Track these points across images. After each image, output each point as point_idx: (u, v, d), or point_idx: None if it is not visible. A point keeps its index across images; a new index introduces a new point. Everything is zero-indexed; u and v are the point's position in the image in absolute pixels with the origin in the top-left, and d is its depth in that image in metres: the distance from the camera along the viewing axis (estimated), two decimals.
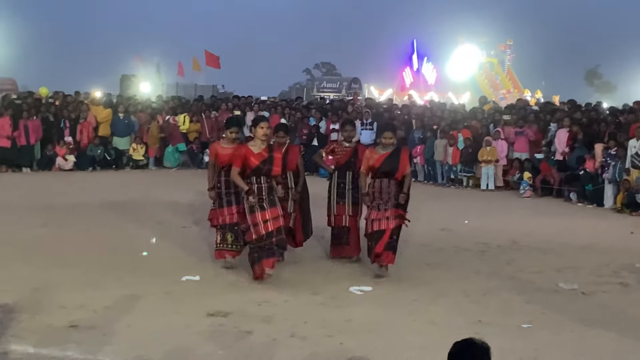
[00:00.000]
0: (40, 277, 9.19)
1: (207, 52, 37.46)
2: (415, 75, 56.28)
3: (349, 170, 10.69)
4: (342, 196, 10.64)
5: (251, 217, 9.16)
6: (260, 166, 9.19)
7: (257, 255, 9.20)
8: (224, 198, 9.95)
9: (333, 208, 10.67)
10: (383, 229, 9.62)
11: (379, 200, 9.70)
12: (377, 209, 9.68)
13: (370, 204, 9.76)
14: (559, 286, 9.53)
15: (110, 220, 13.57)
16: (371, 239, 9.72)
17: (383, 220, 9.64)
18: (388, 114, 23.71)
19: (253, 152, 9.22)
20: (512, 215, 15.82)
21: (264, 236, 9.14)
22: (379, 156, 9.75)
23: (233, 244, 9.95)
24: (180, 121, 24.21)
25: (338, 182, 10.71)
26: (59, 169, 21.83)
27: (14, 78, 41.53)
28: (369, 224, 9.71)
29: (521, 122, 20.88)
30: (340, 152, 10.80)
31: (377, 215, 9.66)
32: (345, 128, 11.27)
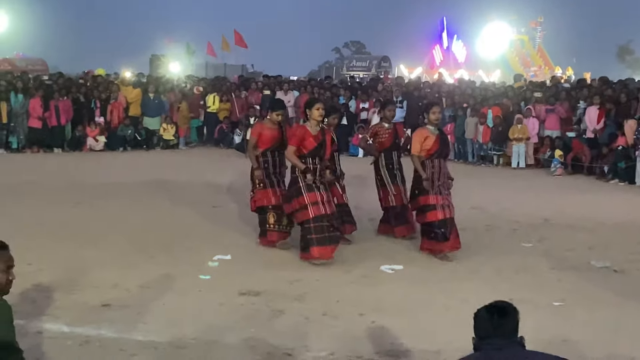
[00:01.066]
0: (74, 256, 9.28)
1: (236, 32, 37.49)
2: (445, 53, 55.94)
3: (395, 150, 10.81)
4: (394, 177, 10.72)
5: (310, 195, 9.08)
6: (317, 148, 9.20)
7: (317, 237, 9.08)
8: (273, 178, 9.94)
9: (391, 188, 10.67)
10: (453, 217, 9.60)
11: (437, 181, 9.61)
12: (440, 193, 9.59)
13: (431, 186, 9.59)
14: (591, 264, 9.48)
15: (142, 200, 13.65)
16: (444, 226, 9.51)
17: (451, 208, 9.60)
18: (417, 93, 23.58)
19: (311, 133, 9.21)
20: (543, 193, 15.69)
21: (325, 216, 9.10)
22: (435, 138, 9.63)
23: (288, 226, 9.90)
24: (210, 101, 24.27)
25: (386, 163, 10.74)
26: (90, 150, 21.97)
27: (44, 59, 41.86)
28: (440, 209, 9.51)
29: (552, 99, 20.69)
30: (384, 134, 10.78)
31: (443, 201, 9.55)
32: (388, 108, 11.18)
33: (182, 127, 23.62)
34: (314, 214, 9.05)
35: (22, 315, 6.10)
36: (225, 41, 37.49)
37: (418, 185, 9.70)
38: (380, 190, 10.85)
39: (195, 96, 24.45)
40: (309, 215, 9.07)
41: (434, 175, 9.63)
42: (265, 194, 9.90)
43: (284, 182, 10.01)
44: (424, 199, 9.61)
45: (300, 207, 9.16)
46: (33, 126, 21.29)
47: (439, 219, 9.49)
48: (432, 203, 9.54)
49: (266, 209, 9.94)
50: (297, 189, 9.20)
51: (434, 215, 9.53)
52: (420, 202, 9.67)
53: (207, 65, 44.22)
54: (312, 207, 9.07)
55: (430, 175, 9.60)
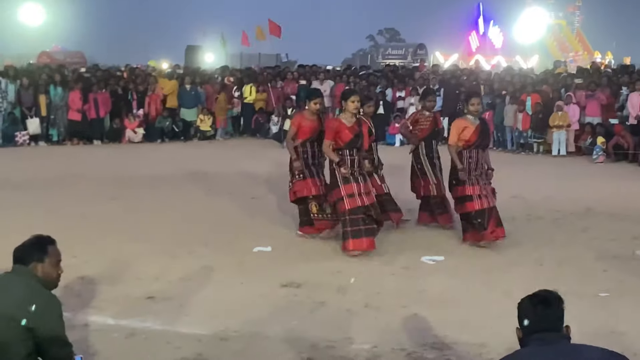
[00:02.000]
0: (116, 248, 9.35)
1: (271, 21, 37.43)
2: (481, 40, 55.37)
3: (435, 139, 10.79)
4: (434, 166, 10.67)
5: (346, 187, 9.08)
6: (354, 139, 9.15)
7: (352, 230, 9.06)
8: (312, 168, 9.91)
9: (432, 178, 10.62)
10: (493, 206, 9.52)
11: (474, 172, 9.55)
12: (477, 183, 9.52)
13: (467, 177, 9.53)
14: (637, 254, 9.33)
15: (181, 191, 13.72)
16: (481, 216, 9.44)
17: (490, 197, 9.52)
18: (455, 81, 23.40)
19: (346, 125, 9.17)
20: (585, 181, 15.51)
21: (361, 208, 9.08)
22: (474, 129, 9.53)
23: (333, 214, 9.82)
24: (247, 92, 24.29)
25: (427, 152, 10.68)
26: (128, 141, 22.13)
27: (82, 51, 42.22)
28: (477, 200, 9.45)
29: (593, 85, 20.42)
30: (424, 122, 10.73)
31: (481, 191, 9.47)
32: (428, 98, 11.06)
33: (220, 117, 23.67)
34: (350, 206, 9.04)
35: (68, 308, 6.12)
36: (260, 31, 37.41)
37: (455, 176, 9.65)
38: (420, 179, 10.74)
39: (228, 87, 24.50)
40: (345, 207, 9.07)
41: (471, 165, 9.57)
42: (305, 184, 9.86)
43: (323, 172, 9.99)
44: (461, 190, 9.57)
45: (337, 199, 9.17)
46: (72, 119, 21.52)
47: (476, 210, 9.45)
48: (469, 194, 9.50)
49: (307, 200, 9.93)
50: (334, 181, 9.22)
51: (471, 205, 9.49)
52: (458, 193, 9.63)
53: (242, 56, 44.27)
54: (348, 199, 9.06)
55: (467, 166, 9.54)
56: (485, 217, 9.45)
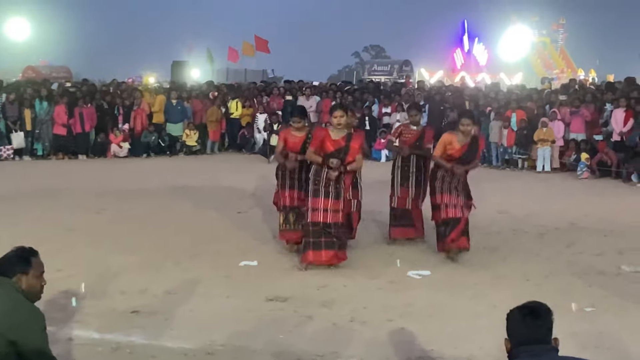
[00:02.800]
0: (101, 262, 9.30)
1: (257, 37, 37.52)
2: (466, 57, 55.68)
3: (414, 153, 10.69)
4: (406, 179, 10.58)
5: (313, 200, 9.11)
6: (334, 153, 9.11)
7: (312, 241, 9.10)
8: (288, 181, 9.92)
9: (397, 190, 10.61)
10: (459, 217, 9.54)
11: (449, 182, 9.60)
12: (449, 193, 9.58)
13: (441, 184, 9.63)
14: (621, 269, 9.36)
15: (167, 205, 13.68)
16: (445, 225, 9.57)
17: (458, 208, 9.55)
18: (439, 97, 23.48)
19: (331, 137, 9.16)
20: (570, 196, 15.58)
21: (320, 224, 9.08)
22: (460, 147, 9.58)
23: (295, 224, 9.86)
24: (233, 107, 24.30)
25: (402, 164, 10.64)
26: (113, 156, 22.07)
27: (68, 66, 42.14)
28: (444, 209, 9.56)
29: (577, 102, 20.54)
30: (407, 134, 10.70)
31: (450, 200, 9.54)
32: (410, 113, 11.05)
33: (212, 131, 23.68)
34: (310, 220, 9.10)
35: (52, 321, 6.08)
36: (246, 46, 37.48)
37: (432, 183, 9.85)
38: (390, 189, 10.77)
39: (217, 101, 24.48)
40: (307, 218, 9.14)
41: (446, 177, 9.66)
42: (282, 195, 9.98)
43: (306, 186, 9.94)
44: (433, 199, 9.81)
45: (306, 209, 9.27)
46: (58, 133, 21.49)
47: (442, 219, 9.63)
48: (438, 202, 9.70)
49: (279, 209, 10.06)
50: (307, 192, 9.32)
51: (438, 215, 9.70)
52: (431, 201, 9.87)
53: (228, 71, 44.30)
54: (311, 212, 9.12)
55: (442, 177, 9.67)
56: (449, 226, 9.56)
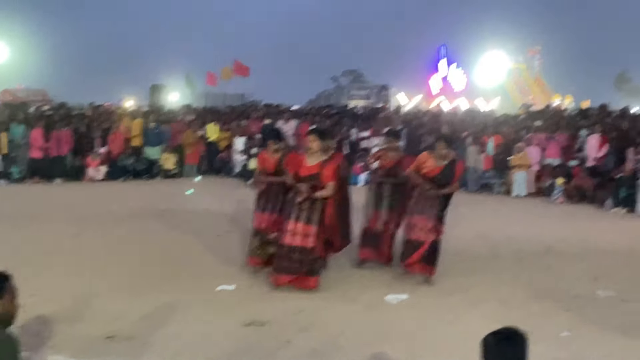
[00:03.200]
0: (77, 286, 9.22)
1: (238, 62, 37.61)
2: (443, 82, 56.12)
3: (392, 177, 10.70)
4: (379, 202, 10.60)
5: (285, 223, 9.16)
6: (306, 179, 9.12)
7: (278, 265, 9.15)
8: (262, 203, 9.96)
9: (369, 212, 10.65)
10: (422, 241, 9.59)
11: (422, 203, 9.66)
12: (420, 214, 9.64)
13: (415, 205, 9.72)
14: (597, 293, 9.43)
15: (145, 229, 13.61)
16: (408, 246, 9.70)
17: (424, 232, 9.60)
18: (417, 121, 23.63)
19: (306, 164, 9.18)
20: (546, 221, 15.67)
21: (285, 246, 9.10)
22: (434, 167, 9.66)
23: (256, 249, 9.91)
24: (210, 131, 24.32)
25: (377, 187, 10.70)
26: (90, 180, 21.96)
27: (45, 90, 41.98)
28: (409, 228, 9.69)
29: (552, 127, 20.74)
30: (385, 160, 10.74)
31: (418, 222, 9.62)
32: (387, 140, 11.10)
33: (189, 154, 23.66)
34: (280, 242, 9.15)
35: (26, 347, 6.01)
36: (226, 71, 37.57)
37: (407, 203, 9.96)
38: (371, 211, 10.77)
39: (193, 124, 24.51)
40: (279, 239, 9.21)
41: (420, 198, 9.73)
42: (257, 216, 10.00)
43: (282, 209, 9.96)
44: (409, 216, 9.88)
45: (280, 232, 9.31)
46: (34, 156, 21.33)
47: (406, 239, 9.81)
48: (406, 222, 9.88)
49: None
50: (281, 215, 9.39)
51: (406, 233, 9.83)
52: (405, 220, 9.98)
53: (207, 95, 44.35)
54: (282, 234, 9.16)
55: (417, 197, 9.77)
56: (410, 248, 9.70)
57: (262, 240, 9.85)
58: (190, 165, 23.86)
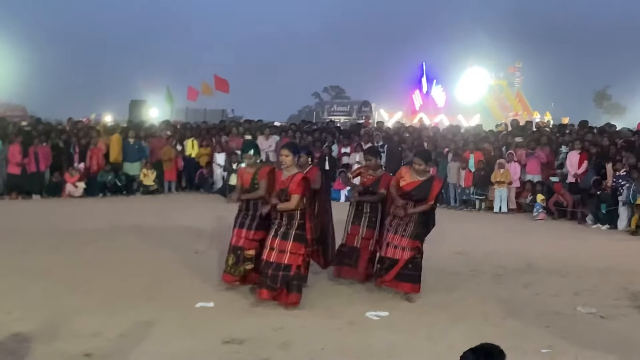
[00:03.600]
0: (54, 304, 9.10)
1: (217, 77, 37.60)
2: (424, 98, 56.32)
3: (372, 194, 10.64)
4: (358, 218, 10.56)
5: (267, 238, 9.21)
6: (278, 193, 9.15)
7: (260, 280, 9.19)
8: (239, 219, 9.91)
9: (348, 227, 10.61)
10: (396, 259, 9.58)
11: (398, 220, 9.64)
12: (395, 232, 9.62)
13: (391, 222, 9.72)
14: (578, 310, 9.42)
15: (123, 246, 13.49)
16: (382, 263, 9.73)
17: (399, 249, 9.60)
18: (398, 137, 23.66)
19: (281, 178, 9.23)
20: (526, 238, 15.70)
21: (263, 262, 9.10)
22: (411, 181, 9.66)
23: (231, 268, 9.85)
24: (189, 146, 24.25)
25: (357, 203, 10.65)
26: (69, 196, 21.80)
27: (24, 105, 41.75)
28: (384, 246, 9.70)
29: (533, 144, 20.82)
30: (365, 177, 10.68)
31: (393, 240, 9.61)
32: (366, 157, 11.00)
33: (167, 170, 23.57)
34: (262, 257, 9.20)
35: None
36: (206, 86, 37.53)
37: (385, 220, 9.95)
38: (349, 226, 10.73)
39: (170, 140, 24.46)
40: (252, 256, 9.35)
41: (392, 214, 9.77)
42: (234, 232, 9.95)
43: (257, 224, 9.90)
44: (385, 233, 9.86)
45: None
46: (12, 172, 21.13)
47: (381, 255, 9.84)
48: (382, 239, 9.88)
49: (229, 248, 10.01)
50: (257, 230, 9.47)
51: (381, 250, 9.86)
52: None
53: (187, 110, 44.24)
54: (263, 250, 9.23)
55: (394, 214, 9.75)
56: (385, 265, 9.69)
57: (237, 257, 9.78)
58: (169, 181, 23.77)
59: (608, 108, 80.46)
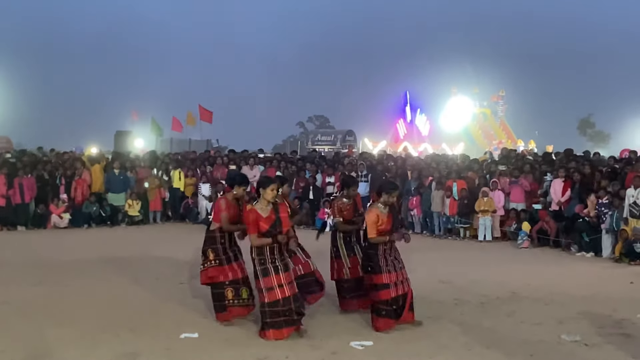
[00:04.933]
0: (38, 336, 9.07)
1: (201, 107, 37.72)
2: (408, 127, 56.68)
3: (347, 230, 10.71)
4: (351, 249, 10.59)
5: (265, 280, 9.06)
6: (270, 230, 9.13)
7: (271, 322, 9.05)
8: (229, 254, 9.92)
9: (347, 261, 10.57)
10: (406, 292, 9.62)
11: (389, 257, 9.63)
12: (395, 270, 9.60)
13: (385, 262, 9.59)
14: (562, 338, 9.42)
15: (107, 277, 13.46)
16: (396, 302, 9.57)
17: (405, 283, 9.64)
18: (382, 166, 23.75)
19: (262, 216, 9.15)
20: (510, 266, 15.73)
21: (280, 301, 9.04)
22: (387, 219, 9.64)
23: (249, 299, 9.90)
24: (176, 177, 24.25)
25: (344, 236, 10.66)
26: (54, 227, 21.74)
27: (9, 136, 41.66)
28: (393, 287, 9.53)
29: (516, 172, 20.94)
30: (345, 209, 10.69)
31: (398, 277, 9.59)
32: (353, 187, 10.89)
33: (152, 201, 23.56)
34: (269, 300, 9.03)
35: None
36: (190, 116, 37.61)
37: (370, 262, 9.67)
38: (334, 261, 10.74)
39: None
40: (264, 299, 9.07)
41: (386, 251, 9.67)
42: (222, 271, 9.90)
43: (240, 254, 10.04)
44: (377, 278, 9.59)
45: (258, 289, 9.18)
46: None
47: (392, 297, 9.54)
48: (385, 282, 9.55)
49: (223, 285, 9.91)
50: (254, 272, 9.17)
51: (387, 294, 9.54)
52: (374, 280, 9.63)
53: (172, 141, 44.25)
54: (267, 292, 9.05)
55: (382, 252, 9.63)
56: (399, 303, 9.58)
57: (234, 288, 9.86)
58: (154, 212, 23.77)
59: (592, 135, 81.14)
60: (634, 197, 16.77)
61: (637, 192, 16.78)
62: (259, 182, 9.54)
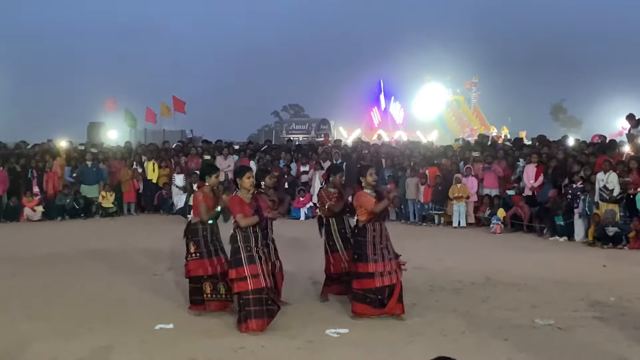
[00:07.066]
0: (10, 330, 9.01)
1: (175, 97, 37.52)
2: (383, 115, 56.76)
3: (345, 214, 10.68)
4: (347, 241, 10.47)
5: (251, 267, 8.93)
6: (253, 215, 9.09)
7: (255, 310, 8.92)
8: (210, 247, 9.86)
9: (344, 255, 10.47)
10: (394, 283, 9.54)
11: (379, 245, 9.55)
12: (383, 259, 9.51)
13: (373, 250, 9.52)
14: (536, 322, 9.48)
15: (81, 270, 13.38)
16: (381, 293, 9.48)
17: (393, 274, 9.54)
18: (356, 154, 23.77)
19: (246, 202, 9.13)
20: (484, 251, 15.83)
21: (264, 289, 8.97)
22: (374, 199, 9.56)
23: (227, 295, 9.84)
24: (149, 169, 24.12)
25: (339, 228, 10.60)
26: (27, 220, 21.57)
27: None
28: (379, 278, 9.45)
29: (490, 158, 21.04)
30: (332, 198, 10.63)
31: (385, 268, 9.48)
32: (339, 174, 10.89)
33: (126, 192, 23.44)
34: (254, 287, 8.92)
35: None
36: (164, 107, 37.38)
37: (358, 251, 9.62)
38: (330, 255, 10.63)
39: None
40: (247, 286, 8.93)
41: (375, 238, 9.56)
42: (201, 264, 9.82)
43: (222, 249, 9.95)
44: (363, 266, 9.51)
45: (239, 277, 8.98)
46: None
47: (377, 287, 9.47)
48: (371, 271, 9.47)
49: (201, 279, 9.86)
50: (237, 260, 9.02)
51: (372, 283, 9.47)
52: (359, 269, 9.55)
53: (146, 132, 43.95)
54: (252, 279, 8.92)
55: (372, 239, 9.53)
56: (385, 294, 9.50)
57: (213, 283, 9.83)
58: (128, 203, 23.66)
59: (564, 121, 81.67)
60: (604, 182, 16.93)
61: (606, 177, 16.95)
62: (235, 172, 9.53)
